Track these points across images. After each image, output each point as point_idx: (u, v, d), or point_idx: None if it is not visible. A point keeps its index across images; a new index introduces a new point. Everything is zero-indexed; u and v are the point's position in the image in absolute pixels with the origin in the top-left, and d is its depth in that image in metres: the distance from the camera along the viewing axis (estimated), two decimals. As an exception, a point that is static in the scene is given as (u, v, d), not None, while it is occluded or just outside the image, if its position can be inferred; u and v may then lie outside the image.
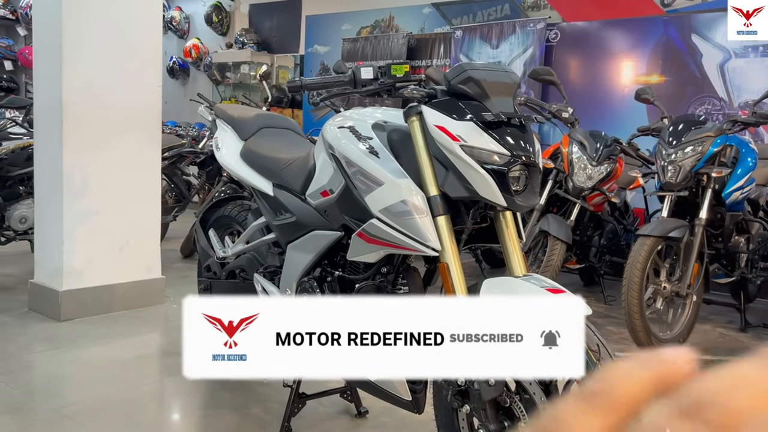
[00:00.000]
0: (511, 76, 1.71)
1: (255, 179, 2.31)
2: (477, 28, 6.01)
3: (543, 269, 3.65)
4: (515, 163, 1.59)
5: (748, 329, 3.84)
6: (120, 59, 3.53)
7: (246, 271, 2.49)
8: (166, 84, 8.10)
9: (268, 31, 8.83)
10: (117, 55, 3.52)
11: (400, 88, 1.74)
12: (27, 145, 4.12)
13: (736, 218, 3.58)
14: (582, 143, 3.90)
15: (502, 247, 1.73)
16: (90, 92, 3.42)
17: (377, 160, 1.74)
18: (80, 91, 3.39)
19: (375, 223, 1.72)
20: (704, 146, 3.33)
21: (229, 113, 2.56)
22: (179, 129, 7.03)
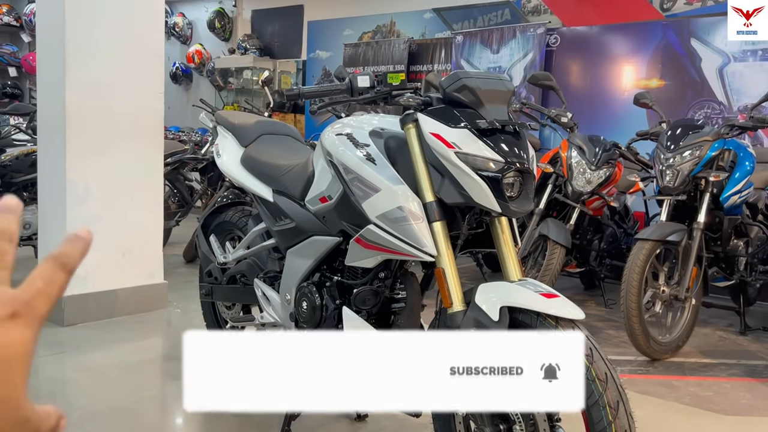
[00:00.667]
0: (506, 84, 1.73)
1: (255, 185, 2.34)
2: (477, 33, 6.04)
3: (543, 273, 3.67)
4: (509, 169, 1.62)
5: (747, 332, 3.85)
6: (123, 65, 3.56)
7: (246, 276, 2.51)
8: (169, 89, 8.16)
9: (271, 36, 8.88)
10: (120, 61, 3.55)
11: (396, 96, 1.77)
12: (31, 151, 4.17)
13: (734, 222, 3.59)
14: (581, 148, 3.93)
15: (498, 252, 1.76)
16: (93, 98, 3.46)
17: (374, 166, 1.76)
18: (83, 98, 3.43)
19: (372, 229, 1.75)
20: (702, 150, 3.35)
21: (230, 120, 2.59)
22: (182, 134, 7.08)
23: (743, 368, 3.29)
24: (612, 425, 1.46)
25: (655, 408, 2.71)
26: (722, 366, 3.30)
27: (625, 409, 1.48)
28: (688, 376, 3.15)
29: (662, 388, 2.96)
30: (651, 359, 3.29)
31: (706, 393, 2.92)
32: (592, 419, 1.49)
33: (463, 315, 1.62)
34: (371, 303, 1.89)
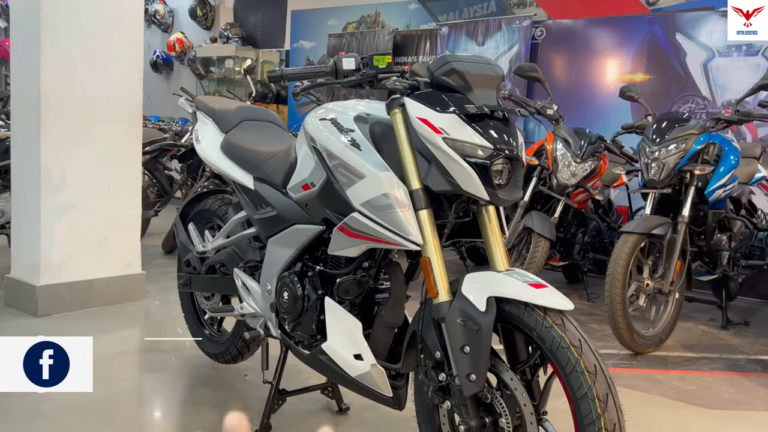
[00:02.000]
0: (495, 68, 1.68)
1: (235, 172, 2.28)
2: (463, 25, 6.00)
3: (526, 266, 3.65)
4: (498, 156, 1.57)
5: (729, 327, 3.86)
6: (100, 50, 3.47)
7: (226, 265, 2.45)
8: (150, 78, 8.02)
9: (254, 25, 8.77)
10: (97, 46, 3.46)
11: (382, 79, 1.71)
12: (4, 137, 4.06)
13: (718, 216, 3.59)
14: (566, 140, 3.90)
15: (485, 241, 1.72)
16: (69, 84, 3.36)
17: (359, 152, 1.71)
18: (59, 83, 3.33)
19: (356, 217, 1.69)
20: (687, 144, 3.33)
21: (210, 105, 2.52)
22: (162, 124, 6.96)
23: (725, 362, 3.29)
24: (601, 418, 1.42)
25: (639, 402, 2.70)
26: (705, 360, 3.30)
27: (615, 402, 1.45)
28: (672, 369, 3.14)
29: (646, 381, 2.95)
30: (634, 353, 3.28)
31: (690, 387, 2.92)
32: (581, 412, 1.45)
33: (449, 305, 1.58)
34: (354, 293, 1.84)
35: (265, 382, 2.24)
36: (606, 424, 1.43)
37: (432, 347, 1.64)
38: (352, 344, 1.79)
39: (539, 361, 1.59)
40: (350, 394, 2.23)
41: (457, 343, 1.54)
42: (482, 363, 1.52)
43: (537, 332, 1.51)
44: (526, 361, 1.61)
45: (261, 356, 2.30)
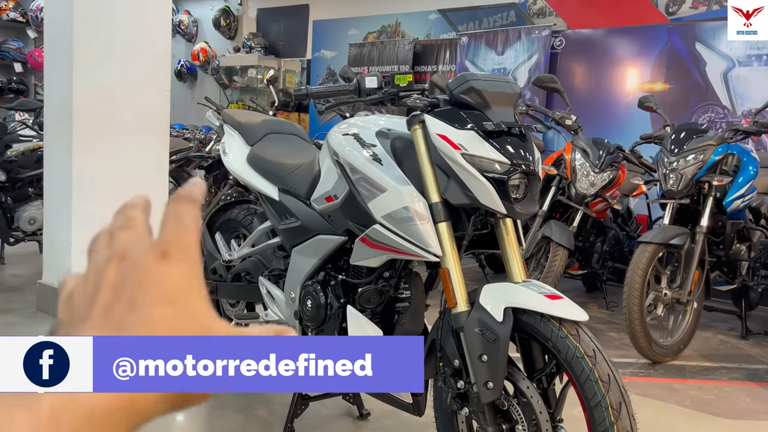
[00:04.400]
0: (512, 86, 1.75)
1: (261, 184, 2.36)
2: (483, 35, 6.05)
3: (545, 275, 3.68)
4: (515, 171, 1.63)
5: (749, 336, 3.86)
6: (129, 62, 3.58)
7: (251, 274, 2.53)
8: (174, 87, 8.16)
9: (276, 35, 8.90)
10: (127, 58, 3.57)
11: (403, 97, 1.78)
12: (37, 147, 4.18)
13: (737, 226, 3.60)
14: (585, 150, 3.93)
15: (502, 253, 1.77)
16: (100, 95, 3.47)
17: (380, 167, 1.78)
18: (90, 94, 3.44)
19: (378, 229, 1.76)
20: (706, 154, 3.36)
21: (237, 119, 2.60)
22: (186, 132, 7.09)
23: (744, 372, 3.29)
24: (614, 426, 1.47)
25: (656, 411, 2.72)
26: (723, 370, 3.31)
27: (628, 411, 1.50)
28: (689, 379, 3.16)
29: (663, 391, 2.97)
30: (652, 362, 3.30)
31: (707, 396, 2.93)
32: (595, 420, 1.50)
33: (467, 315, 1.64)
34: (375, 302, 1.91)
35: (288, 387, 2.30)
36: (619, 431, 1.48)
37: (451, 355, 1.69)
38: (373, 352, 1.85)
39: (555, 369, 1.65)
40: (371, 400, 2.29)
41: (475, 352, 1.59)
42: (499, 371, 1.57)
43: (552, 342, 1.56)
44: (542, 370, 1.66)
45: (284, 362, 2.36)
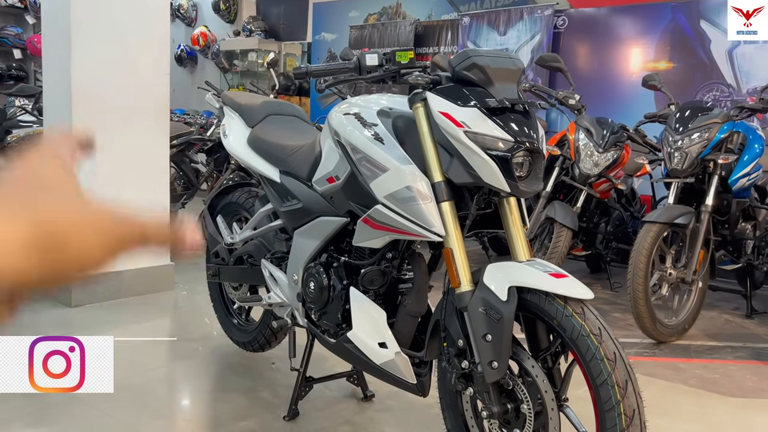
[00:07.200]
0: (516, 62, 1.71)
1: (262, 166, 2.33)
2: (484, 15, 5.99)
3: (549, 256, 3.66)
4: (519, 149, 1.61)
5: (754, 316, 3.85)
6: (128, 47, 3.55)
7: (254, 256, 2.51)
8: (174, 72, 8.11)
9: (276, 18, 8.82)
10: (125, 42, 3.53)
11: (404, 74, 1.75)
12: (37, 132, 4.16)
13: (742, 205, 3.57)
14: (589, 130, 3.90)
15: (506, 232, 1.75)
16: (99, 80, 3.45)
17: (382, 146, 1.75)
18: (89, 79, 3.41)
19: (380, 209, 1.74)
20: (711, 133, 3.32)
21: (237, 101, 2.57)
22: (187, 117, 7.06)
23: (749, 351, 3.28)
24: (620, 404, 1.46)
25: (661, 390, 2.72)
26: (728, 349, 3.30)
27: (634, 389, 1.48)
28: (694, 358, 3.15)
29: (668, 370, 2.96)
30: (657, 342, 3.29)
31: (712, 375, 2.93)
32: (601, 398, 1.49)
33: (471, 295, 1.62)
34: (378, 283, 1.89)
35: (292, 369, 2.30)
36: (625, 410, 1.47)
37: (455, 335, 1.68)
38: (376, 333, 1.84)
39: (560, 349, 1.63)
40: (375, 382, 2.28)
41: (480, 332, 1.58)
42: (504, 351, 1.56)
43: (557, 321, 1.54)
44: (547, 349, 1.65)
45: (288, 345, 2.36)
